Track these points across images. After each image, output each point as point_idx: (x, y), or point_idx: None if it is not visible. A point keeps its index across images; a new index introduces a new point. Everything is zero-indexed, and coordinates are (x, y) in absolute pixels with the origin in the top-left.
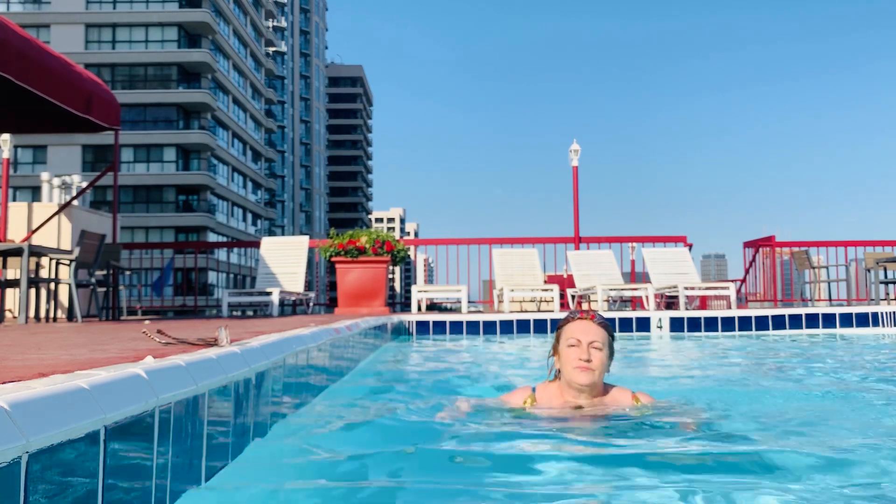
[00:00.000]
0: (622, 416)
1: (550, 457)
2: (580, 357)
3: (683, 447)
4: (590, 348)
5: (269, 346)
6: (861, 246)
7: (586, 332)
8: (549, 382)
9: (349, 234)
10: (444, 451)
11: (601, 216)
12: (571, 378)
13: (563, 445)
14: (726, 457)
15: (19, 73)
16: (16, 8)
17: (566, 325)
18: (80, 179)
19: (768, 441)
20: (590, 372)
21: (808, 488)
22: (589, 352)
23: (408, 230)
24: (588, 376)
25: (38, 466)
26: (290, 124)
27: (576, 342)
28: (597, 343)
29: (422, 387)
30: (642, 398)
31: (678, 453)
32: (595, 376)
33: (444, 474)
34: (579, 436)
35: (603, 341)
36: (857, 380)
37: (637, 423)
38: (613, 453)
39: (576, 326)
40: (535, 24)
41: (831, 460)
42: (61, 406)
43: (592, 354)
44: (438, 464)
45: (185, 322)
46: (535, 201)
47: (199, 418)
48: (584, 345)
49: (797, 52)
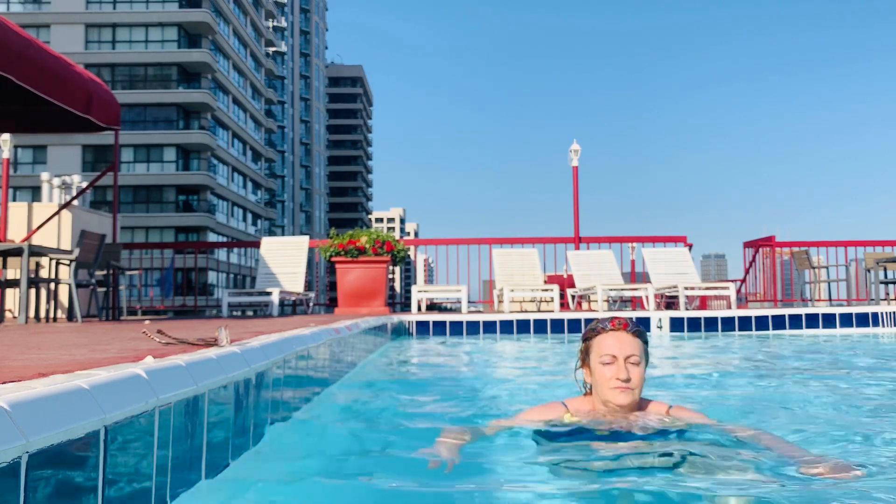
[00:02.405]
0: (670, 437)
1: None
2: (618, 377)
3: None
4: (627, 364)
5: (270, 346)
6: (861, 246)
7: (621, 346)
8: (580, 398)
9: (349, 234)
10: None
11: (601, 216)
12: (609, 399)
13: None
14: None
15: (19, 74)
16: (16, 8)
17: (596, 337)
18: (80, 179)
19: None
20: (630, 392)
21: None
22: (627, 369)
23: (408, 230)
24: (628, 396)
25: (38, 466)
26: (290, 124)
27: (611, 359)
28: (634, 357)
29: (422, 387)
30: (681, 413)
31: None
32: (635, 395)
33: (455, 478)
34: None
35: (640, 353)
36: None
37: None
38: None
39: (609, 340)
40: (536, 23)
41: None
42: (61, 406)
43: (631, 371)
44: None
45: (185, 322)
46: (535, 201)
47: (200, 418)
48: (621, 361)
49: (797, 51)
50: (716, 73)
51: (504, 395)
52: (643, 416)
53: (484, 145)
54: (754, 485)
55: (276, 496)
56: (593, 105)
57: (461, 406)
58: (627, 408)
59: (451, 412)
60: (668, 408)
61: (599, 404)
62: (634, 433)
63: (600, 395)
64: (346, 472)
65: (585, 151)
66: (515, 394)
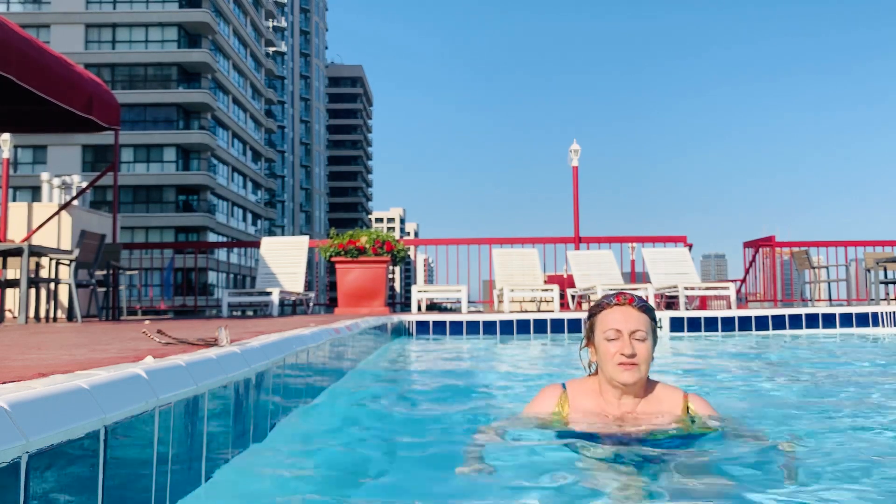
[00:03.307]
0: (679, 437)
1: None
2: (623, 352)
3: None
4: (632, 340)
5: (270, 346)
6: (861, 246)
7: (626, 320)
8: (585, 379)
9: (349, 234)
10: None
11: (601, 216)
12: (613, 376)
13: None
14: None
15: (20, 74)
16: (16, 8)
17: (601, 312)
18: (80, 179)
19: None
20: (635, 368)
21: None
22: (632, 344)
23: (408, 230)
24: (633, 374)
25: (38, 466)
26: (290, 124)
27: (615, 334)
28: (640, 332)
29: (422, 387)
30: (697, 405)
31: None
32: (641, 372)
33: (449, 476)
34: (630, 463)
35: (647, 329)
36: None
37: (701, 443)
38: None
39: (614, 315)
40: (536, 23)
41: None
42: (61, 406)
43: (636, 347)
44: (446, 467)
45: (185, 322)
46: (535, 201)
47: (199, 418)
48: (626, 336)
49: (797, 51)
50: (716, 73)
51: (504, 394)
52: (650, 415)
53: (484, 145)
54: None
55: (277, 495)
56: (593, 105)
57: (461, 406)
58: (634, 387)
59: (452, 412)
60: (683, 396)
61: (605, 384)
62: (632, 436)
63: (605, 374)
64: (346, 472)
65: (585, 151)
66: (516, 393)
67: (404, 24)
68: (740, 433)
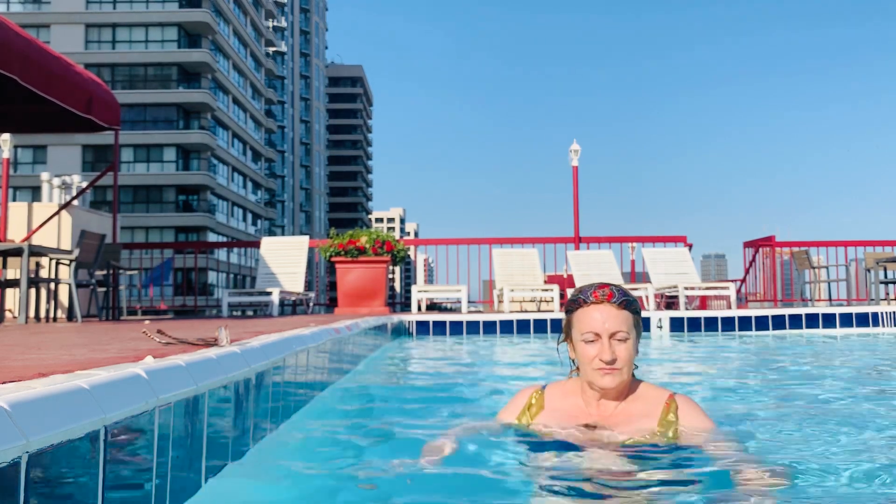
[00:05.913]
0: (654, 447)
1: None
2: (601, 357)
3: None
4: (612, 342)
5: (270, 346)
6: (861, 246)
7: (605, 322)
8: (568, 380)
9: (349, 234)
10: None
11: (601, 216)
12: (592, 380)
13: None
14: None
15: (21, 74)
16: (16, 8)
17: (578, 310)
18: (80, 179)
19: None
20: (616, 373)
21: None
22: (612, 348)
23: (408, 230)
24: (614, 378)
25: (38, 466)
26: (290, 124)
27: (593, 337)
28: (621, 333)
29: (422, 386)
30: (684, 407)
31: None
32: (623, 375)
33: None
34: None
35: (628, 328)
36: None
37: (678, 457)
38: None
39: (591, 315)
40: (536, 23)
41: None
42: (61, 406)
43: (616, 349)
44: (446, 467)
45: (185, 322)
46: (535, 201)
47: (200, 418)
48: (605, 339)
49: (798, 51)
50: (716, 73)
51: (504, 394)
52: (630, 416)
53: (484, 145)
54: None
55: (277, 495)
56: (593, 105)
57: (461, 405)
58: (615, 391)
59: (452, 411)
60: (669, 396)
61: (585, 385)
62: (599, 442)
63: (584, 376)
64: (346, 472)
65: (585, 151)
66: (515, 393)
67: (404, 24)
68: (721, 448)
